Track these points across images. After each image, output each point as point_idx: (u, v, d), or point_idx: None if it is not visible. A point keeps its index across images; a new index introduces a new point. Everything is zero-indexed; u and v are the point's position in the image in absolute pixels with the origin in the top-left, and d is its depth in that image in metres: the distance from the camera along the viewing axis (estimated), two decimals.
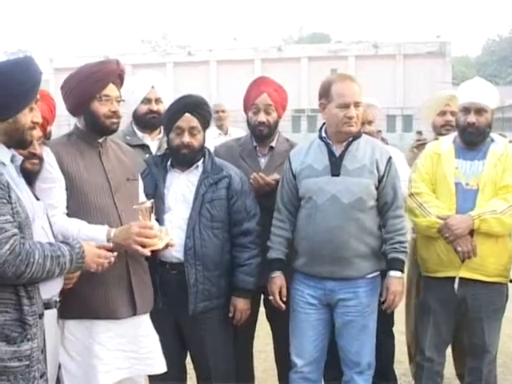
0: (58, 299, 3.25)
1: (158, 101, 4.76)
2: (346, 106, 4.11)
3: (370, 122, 4.88)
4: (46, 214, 3.23)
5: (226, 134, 8.25)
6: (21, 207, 2.87)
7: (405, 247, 4.21)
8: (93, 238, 3.48)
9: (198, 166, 4.20)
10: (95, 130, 3.79)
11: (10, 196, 2.82)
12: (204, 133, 4.18)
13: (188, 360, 4.45)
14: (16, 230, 2.78)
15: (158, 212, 3.98)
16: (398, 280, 4.18)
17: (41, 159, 3.62)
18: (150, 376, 4.18)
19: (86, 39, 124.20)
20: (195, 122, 4.10)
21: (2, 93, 2.85)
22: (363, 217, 4.14)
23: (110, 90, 3.77)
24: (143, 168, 4.19)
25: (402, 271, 4.21)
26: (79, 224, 3.56)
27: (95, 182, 3.72)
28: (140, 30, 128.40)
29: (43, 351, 2.99)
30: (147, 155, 4.62)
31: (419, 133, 33.26)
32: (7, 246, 2.72)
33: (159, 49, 79.34)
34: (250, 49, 57.44)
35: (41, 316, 2.96)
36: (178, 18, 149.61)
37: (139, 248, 3.55)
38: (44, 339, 3.04)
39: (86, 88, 3.73)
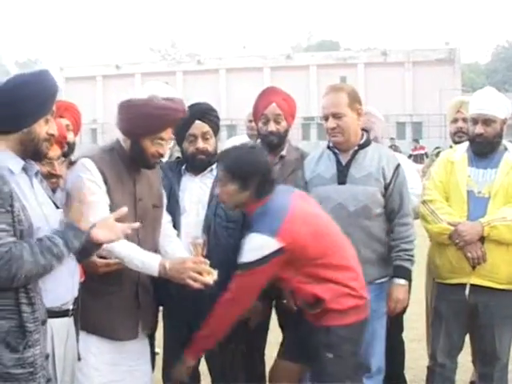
0: (71, 307, 3.26)
1: None
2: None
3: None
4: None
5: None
6: (25, 216, 2.89)
7: (410, 255, 4.24)
8: (145, 265, 3.58)
9: (212, 170, 4.24)
10: (138, 160, 3.77)
11: (12, 205, 2.83)
12: (215, 138, 4.22)
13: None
14: (10, 239, 2.79)
15: (174, 214, 4.08)
16: (400, 287, 4.21)
17: (59, 178, 3.69)
18: (163, 377, 4.27)
19: (95, 48, 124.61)
20: (206, 128, 4.15)
21: (17, 104, 2.88)
22: (370, 224, 4.21)
23: (167, 133, 3.75)
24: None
25: (407, 279, 4.23)
26: (131, 247, 3.59)
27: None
28: (149, 39, 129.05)
29: (47, 357, 3.01)
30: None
31: (416, 141, 33.41)
32: None
33: (169, 57, 79.51)
34: (259, 57, 57.60)
35: (43, 322, 2.96)
36: (187, 26, 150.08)
37: (191, 283, 3.59)
38: (53, 346, 3.08)
39: (144, 124, 3.66)
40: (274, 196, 3.75)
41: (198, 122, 4.13)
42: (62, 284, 3.15)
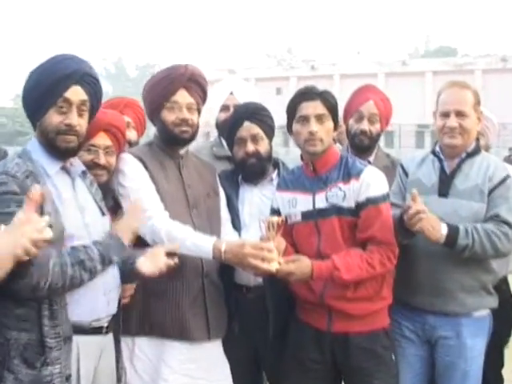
0: (105, 325, 3.03)
1: None
2: (445, 115, 3.69)
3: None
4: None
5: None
6: (55, 220, 2.66)
7: (476, 238, 3.46)
8: (197, 247, 3.33)
9: (272, 180, 3.90)
10: (166, 138, 3.62)
11: (41, 207, 2.57)
12: (269, 140, 3.87)
13: None
14: None
15: (234, 229, 3.80)
16: (438, 224, 3.45)
17: (108, 170, 3.43)
18: None
19: (213, 52, 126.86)
20: (256, 129, 3.80)
21: (25, 96, 2.78)
22: None
23: (180, 96, 3.57)
24: None
25: (451, 234, 3.45)
26: (184, 229, 3.39)
27: (174, 195, 3.56)
28: (266, 45, 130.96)
29: (68, 379, 2.75)
30: None
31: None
32: None
33: (284, 63, 79.86)
34: (373, 63, 56.94)
35: (66, 340, 2.73)
36: (304, 33, 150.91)
37: (251, 271, 3.36)
38: (78, 366, 2.85)
39: (154, 96, 3.59)
40: None
41: (246, 123, 3.80)
42: (94, 299, 2.92)
